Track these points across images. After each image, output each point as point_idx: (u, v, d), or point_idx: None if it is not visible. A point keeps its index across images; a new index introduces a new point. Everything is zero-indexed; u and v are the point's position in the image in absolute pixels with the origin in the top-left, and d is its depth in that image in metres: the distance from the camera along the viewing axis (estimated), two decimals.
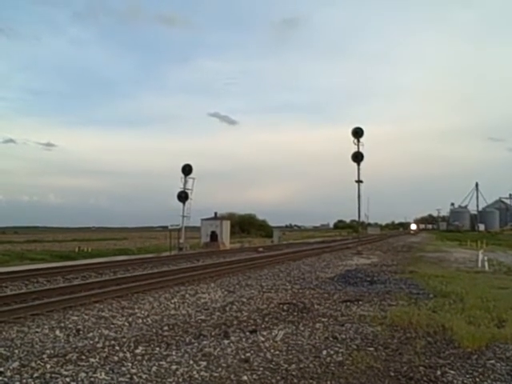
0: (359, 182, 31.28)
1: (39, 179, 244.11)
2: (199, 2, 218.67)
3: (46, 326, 7.80)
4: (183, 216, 33.28)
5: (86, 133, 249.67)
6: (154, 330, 7.57)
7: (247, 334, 7.31)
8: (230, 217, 60.14)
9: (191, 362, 5.84)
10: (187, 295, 11.37)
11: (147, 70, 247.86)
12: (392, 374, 5.40)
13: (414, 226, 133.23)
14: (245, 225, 78.98)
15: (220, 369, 5.57)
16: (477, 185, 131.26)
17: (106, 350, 6.35)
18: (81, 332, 7.45)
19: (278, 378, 5.27)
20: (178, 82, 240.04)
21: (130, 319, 8.51)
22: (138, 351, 6.30)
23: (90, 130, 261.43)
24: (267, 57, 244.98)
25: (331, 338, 7.03)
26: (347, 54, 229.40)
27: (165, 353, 6.24)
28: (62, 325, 7.94)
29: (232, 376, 5.31)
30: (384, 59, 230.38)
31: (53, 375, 5.27)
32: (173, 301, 10.53)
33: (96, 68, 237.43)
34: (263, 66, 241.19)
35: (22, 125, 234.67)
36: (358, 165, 31.12)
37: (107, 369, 5.52)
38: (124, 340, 6.90)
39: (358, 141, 30.97)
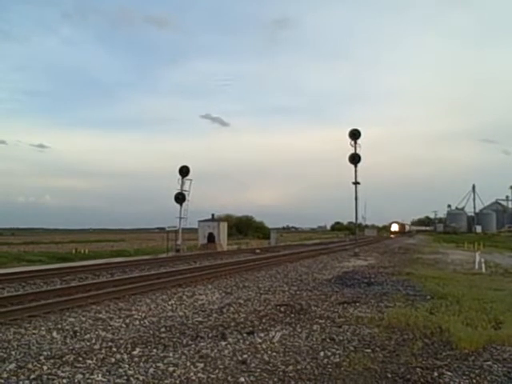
0: (356, 183, 31.37)
1: (34, 181, 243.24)
2: (190, 4, 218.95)
3: (42, 328, 7.77)
4: (180, 217, 33.29)
5: (79, 134, 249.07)
6: (151, 332, 7.56)
7: (244, 335, 7.31)
8: (228, 218, 60.12)
9: (188, 363, 5.83)
10: (184, 297, 11.35)
11: (139, 71, 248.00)
12: (389, 375, 5.41)
13: (395, 227, 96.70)
14: (242, 226, 79.16)
15: (217, 370, 5.57)
16: (473, 187, 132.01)
17: (103, 351, 6.34)
18: (78, 333, 7.42)
19: (276, 379, 5.27)
20: (170, 84, 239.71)
21: (127, 321, 8.49)
22: (135, 353, 6.28)
23: (82, 132, 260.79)
24: (259, 58, 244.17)
25: (328, 340, 7.04)
26: (341, 55, 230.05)
27: (162, 354, 6.23)
28: (59, 326, 7.91)
29: (229, 378, 5.31)
30: (380, 61, 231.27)
31: (50, 377, 5.26)
32: (170, 302, 10.51)
33: (88, 69, 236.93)
34: (255, 68, 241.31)
35: (14, 126, 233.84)
36: (355, 166, 31.21)
37: (104, 370, 5.51)
38: (121, 341, 6.88)
39: (355, 142, 31.11)
